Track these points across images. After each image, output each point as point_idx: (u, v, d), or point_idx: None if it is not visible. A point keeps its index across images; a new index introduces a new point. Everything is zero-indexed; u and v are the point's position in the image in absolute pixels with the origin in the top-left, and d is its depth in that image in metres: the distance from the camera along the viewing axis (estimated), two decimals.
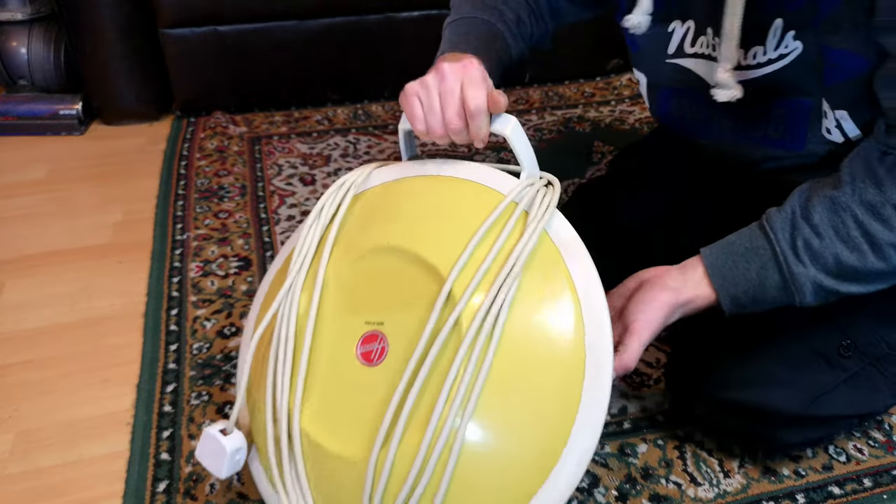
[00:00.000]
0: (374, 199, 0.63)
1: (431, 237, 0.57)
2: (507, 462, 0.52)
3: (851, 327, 0.64)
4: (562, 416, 0.52)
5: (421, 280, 0.55)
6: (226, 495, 0.66)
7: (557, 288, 0.55)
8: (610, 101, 1.48)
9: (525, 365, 0.53)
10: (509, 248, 0.54)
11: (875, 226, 0.56)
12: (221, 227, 1.07)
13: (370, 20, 1.38)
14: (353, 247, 0.59)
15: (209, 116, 1.40)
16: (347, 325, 0.57)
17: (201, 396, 0.77)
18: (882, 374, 0.65)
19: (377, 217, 0.61)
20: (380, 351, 0.55)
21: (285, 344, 0.57)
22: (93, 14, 1.26)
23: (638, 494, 0.67)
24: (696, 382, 0.68)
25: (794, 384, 0.63)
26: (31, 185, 1.19)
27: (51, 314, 0.90)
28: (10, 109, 1.34)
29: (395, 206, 0.61)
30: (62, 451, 0.72)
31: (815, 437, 0.70)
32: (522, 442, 0.52)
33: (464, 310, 0.52)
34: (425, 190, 0.62)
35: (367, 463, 0.51)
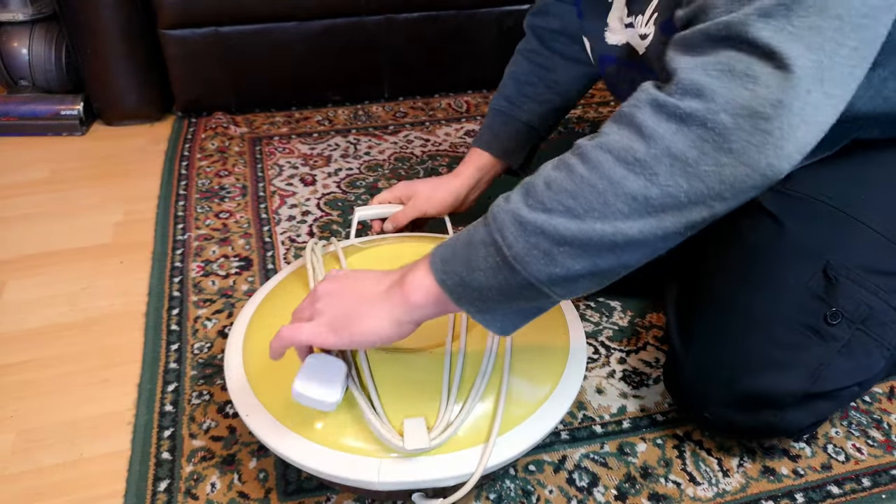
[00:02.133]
0: (357, 252, 0.77)
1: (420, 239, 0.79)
2: (539, 355, 0.66)
3: (833, 296, 0.64)
4: (559, 332, 0.70)
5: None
6: (226, 495, 0.67)
7: None
8: (610, 102, 1.48)
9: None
10: None
11: (596, 149, 0.50)
12: (222, 227, 1.08)
13: (370, 21, 1.38)
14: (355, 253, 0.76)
15: (210, 117, 1.41)
16: None
17: (202, 396, 0.78)
18: (870, 336, 0.65)
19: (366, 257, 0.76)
20: None
21: None
22: (94, 15, 1.26)
23: (637, 493, 0.67)
24: (698, 386, 0.68)
25: (795, 363, 0.64)
26: (33, 186, 1.19)
27: (52, 314, 0.90)
28: (11, 110, 1.34)
29: (376, 253, 0.77)
30: (63, 450, 0.72)
31: (824, 415, 0.69)
32: (542, 344, 0.68)
33: None
34: (391, 245, 0.78)
35: (444, 351, 0.61)
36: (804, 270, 0.66)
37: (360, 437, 0.57)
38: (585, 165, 0.48)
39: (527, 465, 0.70)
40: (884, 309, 0.65)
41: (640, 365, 0.83)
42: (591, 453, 0.72)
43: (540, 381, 0.64)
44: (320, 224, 1.08)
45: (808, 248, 0.66)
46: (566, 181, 0.48)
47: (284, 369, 0.62)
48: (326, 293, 0.57)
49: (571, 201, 0.47)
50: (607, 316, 0.90)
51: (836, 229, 0.67)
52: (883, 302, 0.65)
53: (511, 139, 0.93)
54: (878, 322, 0.65)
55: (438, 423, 0.57)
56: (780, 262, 0.67)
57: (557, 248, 0.47)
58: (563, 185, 0.48)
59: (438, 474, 0.56)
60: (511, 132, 0.93)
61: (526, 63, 0.94)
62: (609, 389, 0.79)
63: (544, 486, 0.68)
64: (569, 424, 0.75)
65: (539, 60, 0.93)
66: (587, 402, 0.78)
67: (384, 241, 0.79)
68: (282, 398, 0.60)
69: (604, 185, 0.47)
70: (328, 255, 0.75)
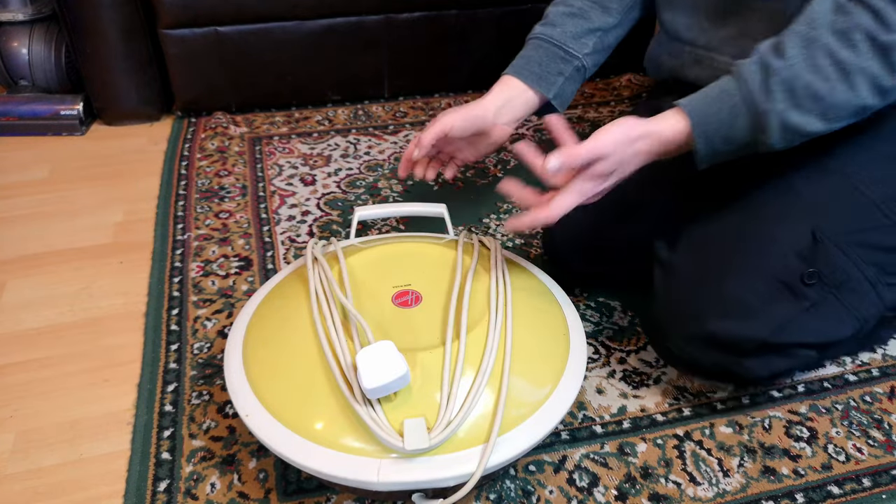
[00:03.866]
0: (356, 251, 0.76)
1: (422, 243, 0.77)
2: (536, 351, 0.67)
3: (814, 257, 0.66)
4: (558, 327, 0.71)
5: (433, 252, 0.76)
6: (226, 495, 0.67)
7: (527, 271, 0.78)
8: (609, 102, 1.48)
9: (523, 290, 0.72)
10: (487, 248, 0.78)
11: (845, 52, 0.59)
12: (222, 227, 1.08)
13: (370, 20, 1.38)
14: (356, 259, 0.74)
15: (210, 117, 1.41)
16: (377, 292, 0.69)
17: (202, 396, 0.78)
18: (841, 302, 0.67)
19: (371, 265, 0.74)
20: (414, 298, 0.68)
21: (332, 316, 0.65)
22: (94, 15, 1.26)
23: (637, 494, 0.67)
24: (670, 317, 0.71)
25: (762, 313, 0.66)
26: (33, 186, 1.19)
27: (52, 314, 0.90)
28: (11, 110, 1.34)
29: (379, 254, 0.75)
30: (63, 450, 0.72)
31: (779, 370, 0.74)
32: (542, 338, 0.69)
33: (479, 262, 0.73)
34: (394, 245, 0.77)
35: (443, 352, 0.62)
36: (795, 229, 0.68)
37: (359, 438, 0.57)
38: (844, 84, 0.60)
39: (527, 465, 0.70)
40: (859, 279, 0.67)
41: (640, 365, 0.83)
42: (591, 453, 0.72)
43: (540, 381, 0.64)
44: (320, 224, 1.08)
45: (804, 208, 0.68)
46: (826, 93, 0.60)
47: (284, 370, 0.62)
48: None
49: (829, 111, 0.61)
50: (607, 316, 0.90)
51: (837, 194, 0.69)
52: (860, 272, 0.67)
53: (541, 64, 0.84)
54: (850, 290, 0.67)
55: (438, 423, 0.57)
56: (775, 217, 0.69)
57: (805, 133, 0.63)
58: (823, 96, 0.60)
59: (438, 474, 0.55)
60: (542, 56, 0.84)
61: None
62: (609, 389, 0.79)
63: (544, 486, 0.68)
64: (569, 424, 0.75)
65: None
66: (587, 402, 0.78)
67: (384, 241, 0.78)
68: (281, 398, 0.60)
69: (857, 103, 0.61)
70: (328, 255, 0.75)
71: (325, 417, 0.58)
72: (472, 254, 0.74)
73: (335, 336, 0.62)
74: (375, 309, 0.66)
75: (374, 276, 0.71)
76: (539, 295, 0.74)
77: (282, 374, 0.62)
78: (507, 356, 0.63)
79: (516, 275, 0.75)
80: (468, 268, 0.72)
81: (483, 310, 0.66)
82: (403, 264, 0.73)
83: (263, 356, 0.64)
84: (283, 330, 0.66)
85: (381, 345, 0.58)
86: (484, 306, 0.67)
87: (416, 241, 0.79)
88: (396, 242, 0.78)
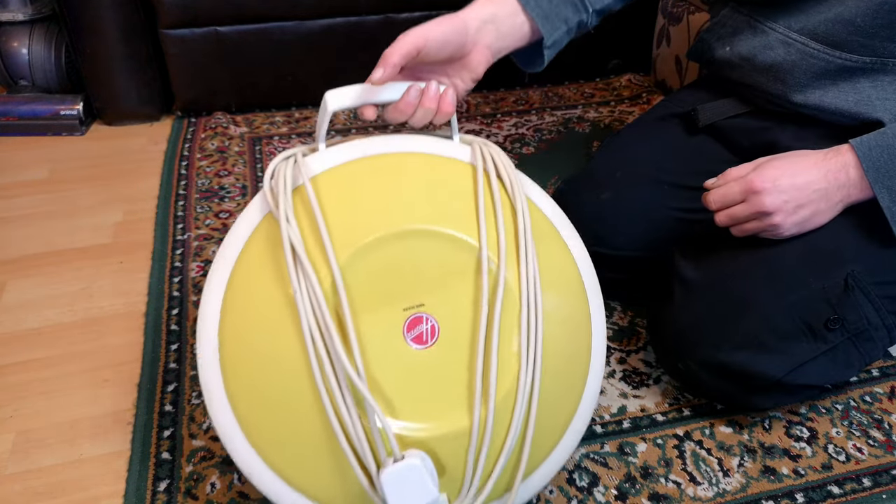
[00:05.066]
0: (340, 184, 0.59)
1: (439, 214, 0.57)
2: (560, 388, 0.59)
3: (841, 304, 0.66)
4: (583, 351, 0.61)
5: (447, 253, 0.56)
6: (226, 495, 0.67)
7: (555, 245, 0.62)
8: (609, 102, 1.48)
9: (555, 313, 0.59)
10: (510, 214, 0.59)
11: None
12: (222, 227, 1.08)
13: (370, 20, 1.38)
14: (351, 239, 0.55)
15: (210, 117, 1.41)
16: (385, 318, 0.55)
17: (202, 396, 0.78)
18: (857, 349, 0.67)
19: (363, 204, 0.57)
20: (430, 331, 0.56)
21: (334, 355, 0.52)
22: (94, 15, 1.26)
23: (637, 493, 0.67)
24: (684, 340, 0.70)
25: (780, 352, 0.66)
26: (33, 186, 1.19)
27: (52, 314, 0.90)
28: (11, 110, 1.34)
29: (379, 189, 0.59)
30: (63, 450, 0.72)
31: (783, 404, 0.75)
32: (567, 371, 0.60)
33: (507, 273, 0.56)
34: (396, 168, 0.60)
35: (471, 428, 0.53)
36: (828, 274, 0.66)
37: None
38: None
39: None
40: (878, 327, 0.67)
41: (640, 365, 0.83)
42: (591, 453, 0.71)
43: (560, 422, 0.60)
44: None
45: (839, 254, 0.67)
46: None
47: (289, 435, 0.54)
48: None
49: None
50: (607, 316, 0.90)
51: (873, 241, 0.67)
52: (882, 322, 0.67)
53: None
54: (868, 338, 0.67)
55: (460, 499, 0.55)
56: (807, 259, 0.67)
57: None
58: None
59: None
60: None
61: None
62: (609, 389, 0.79)
63: (544, 486, 0.68)
64: None
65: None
66: None
67: (374, 163, 0.61)
68: (291, 465, 0.55)
69: None
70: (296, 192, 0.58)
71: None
72: (496, 228, 0.57)
73: (346, 416, 0.52)
74: (384, 348, 0.54)
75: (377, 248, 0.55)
76: (567, 285, 0.62)
77: (287, 439, 0.54)
78: (533, 409, 0.56)
79: (544, 252, 0.60)
80: (494, 281, 0.56)
81: (512, 351, 0.56)
82: (413, 259, 0.56)
83: (260, 415, 0.55)
84: (278, 382, 0.54)
85: (409, 463, 0.51)
86: (512, 341, 0.56)
87: (414, 156, 0.62)
88: (387, 155, 0.61)
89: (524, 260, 0.57)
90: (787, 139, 0.75)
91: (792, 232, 0.66)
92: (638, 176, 0.82)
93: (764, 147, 0.77)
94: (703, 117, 0.82)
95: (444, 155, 0.62)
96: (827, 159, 0.65)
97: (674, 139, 0.85)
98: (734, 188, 0.67)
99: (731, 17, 0.79)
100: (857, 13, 0.67)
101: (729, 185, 0.67)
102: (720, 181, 0.69)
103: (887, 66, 0.68)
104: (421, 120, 0.62)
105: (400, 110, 0.61)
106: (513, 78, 1.54)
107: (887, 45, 0.67)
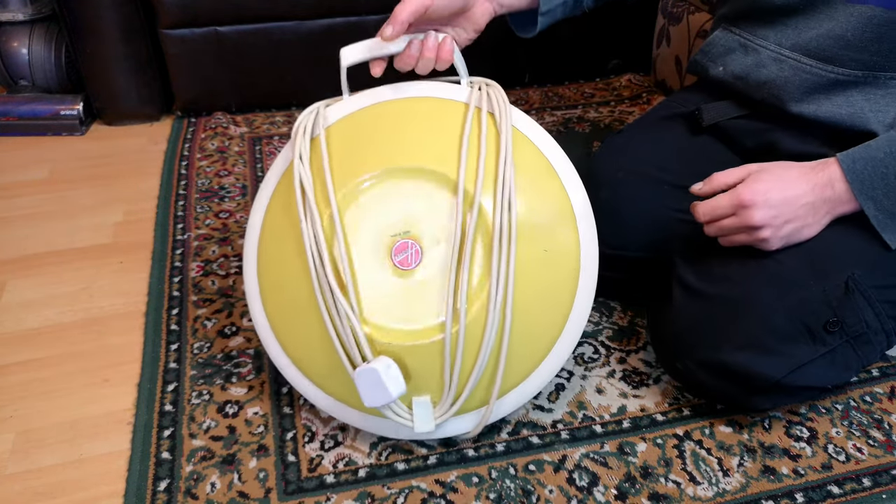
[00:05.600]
0: (349, 130, 0.69)
1: (426, 151, 0.66)
2: (539, 312, 0.67)
3: (842, 307, 0.66)
4: (569, 279, 0.68)
5: (431, 188, 0.65)
6: (226, 495, 0.67)
7: (543, 176, 0.68)
8: (609, 102, 1.48)
9: (536, 239, 0.66)
10: (494, 146, 0.66)
11: None
12: (222, 226, 1.08)
13: (370, 20, 1.38)
14: (351, 175, 0.66)
15: (210, 117, 1.41)
16: (375, 245, 0.65)
17: (202, 395, 0.78)
18: (855, 352, 0.68)
19: (364, 145, 0.67)
20: (414, 254, 0.65)
21: (328, 277, 0.63)
22: (93, 15, 1.26)
23: (637, 493, 0.67)
24: (684, 340, 0.71)
25: (779, 353, 0.66)
26: (33, 186, 1.19)
27: (52, 314, 0.90)
28: (11, 110, 1.34)
29: (379, 132, 0.68)
30: (63, 450, 0.72)
31: (782, 405, 0.75)
32: (547, 297, 0.67)
33: (482, 202, 0.63)
34: (397, 113, 0.69)
35: (443, 340, 0.63)
36: (829, 277, 0.66)
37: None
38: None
39: (527, 465, 0.70)
40: (877, 331, 0.68)
41: (640, 365, 0.83)
42: (591, 453, 0.72)
43: (541, 338, 0.68)
44: None
45: (840, 257, 0.67)
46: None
47: (300, 327, 0.67)
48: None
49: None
50: (607, 316, 0.90)
51: (873, 243, 0.67)
52: (881, 326, 0.68)
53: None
54: (867, 341, 0.68)
55: (442, 403, 0.66)
56: (808, 261, 0.67)
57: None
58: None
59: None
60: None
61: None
62: (609, 389, 0.79)
63: (544, 486, 0.68)
64: (569, 424, 0.75)
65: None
66: (587, 401, 0.78)
67: (380, 106, 0.70)
68: (304, 356, 0.68)
69: None
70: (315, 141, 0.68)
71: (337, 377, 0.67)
72: (478, 154, 0.65)
73: (338, 322, 0.64)
74: (374, 271, 0.65)
75: (372, 205, 0.65)
76: (553, 213, 0.67)
77: (300, 336, 0.68)
78: (506, 329, 0.64)
79: (529, 180, 0.66)
80: (468, 208, 0.63)
81: (485, 268, 0.64)
82: (401, 193, 0.65)
83: (281, 310, 0.69)
84: (291, 286, 0.67)
85: (371, 367, 0.62)
86: (486, 263, 0.64)
87: (418, 100, 0.70)
88: (398, 99, 0.70)
89: (500, 187, 0.63)
90: (789, 141, 0.75)
91: (779, 245, 0.67)
92: (639, 176, 0.82)
93: (767, 148, 0.77)
94: (708, 117, 0.82)
95: (445, 97, 0.70)
96: (815, 172, 0.66)
97: (676, 139, 0.85)
98: (723, 201, 0.67)
99: (723, 38, 0.81)
100: (848, 28, 0.68)
101: (718, 199, 0.68)
102: (706, 186, 0.70)
103: (879, 80, 0.69)
104: (424, 68, 0.68)
105: (404, 61, 0.69)
106: (513, 78, 1.54)
107: (877, 60, 0.68)
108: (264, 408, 0.76)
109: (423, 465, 0.70)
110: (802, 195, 0.65)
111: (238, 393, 0.78)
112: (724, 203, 0.67)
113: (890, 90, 0.68)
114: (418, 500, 0.66)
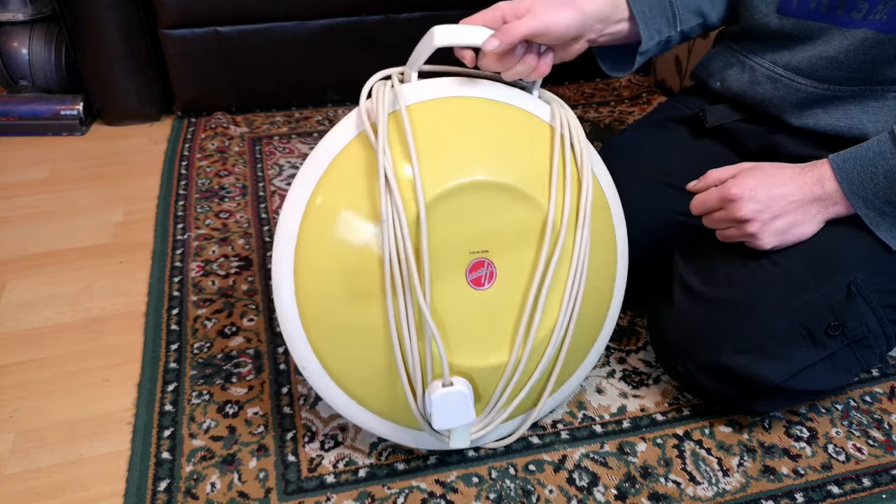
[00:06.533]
0: (430, 120, 0.62)
1: (518, 170, 0.62)
2: (582, 337, 0.70)
3: (843, 311, 0.66)
4: (605, 308, 0.72)
5: (518, 209, 0.62)
6: (227, 495, 0.67)
7: (604, 217, 0.69)
8: (609, 102, 1.48)
9: (593, 278, 0.67)
10: (576, 180, 0.64)
11: None
12: (222, 226, 1.08)
13: (370, 20, 1.38)
14: (438, 179, 0.60)
15: (210, 117, 1.41)
16: (452, 257, 0.61)
17: (202, 395, 0.78)
18: (856, 355, 0.68)
19: (452, 143, 0.62)
20: (489, 275, 0.63)
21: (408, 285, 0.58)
22: (94, 15, 1.26)
23: (637, 493, 0.67)
24: (684, 342, 0.71)
25: (780, 357, 0.66)
26: (33, 186, 1.19)
27: (52, 314, 0.90)
28: (11, 110, 1.34)
29: (468, 133, 0.63)
30: (63, 450, 0.72)
31: (782, 408, 0.76)
32: (589, 324, 0.70)
33: (565, 240, 0.63)
34: (484, 114, 0.64)
35: (507, 364, 0.63)
36: (831, 281, 0.66)
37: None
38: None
39: (527, 465, 0.70)
40: (877, 333, 0.68)
41: (640, 365, 0.83)
42: (591, 453, 0.72)
43: (581, 354, 0.71)
44: None
45: (842, 260, 0.67)
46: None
47: (351, 346, 0.63)
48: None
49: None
50: None
51: (875, 248, 0.67)
52: (882, 330, 0.68)
53: (651, 7, 0.73)
54: (867, 345, 0.68)
55: (480, 422, 0.66)
56: (810, 265, 0.67)
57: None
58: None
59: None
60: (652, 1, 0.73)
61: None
62: (609, 389, 0.79)
63: (544, 486, 0.68)
64: (569, 424, 0.75)
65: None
66: (587, 401, 0.78)
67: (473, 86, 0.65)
68: (347, 372, 0.64)
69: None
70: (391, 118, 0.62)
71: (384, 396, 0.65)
72: (564, 197, 0.63)
73: (407, 337, 0.60)
74: (447, 284, 0.61)
75: (452, 217, 0.61)
76: (606, 254, 0.69)
77: (347, 348, 0.63)
78: (560, 359, 0.67)
79: (596, 223, 0.67)
80: (554, 244, 0.62)
81: (555, 301, 0.64)
82: (489, 207, 0.61)
83: (328, 327, 0.62)
84: (351, 302, 0.61)
85: (458, 390, 0.60)
86: (556, 297, 0.64)
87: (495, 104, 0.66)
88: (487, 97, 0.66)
89: (580, 230, 0.63)
90: (792, 144, 0.75)
91: (772, 243, 0.66)
92: (641, 178, 0.82)
93: (770, 149, 0.77)
94: (712, 118, 0.82)
95: (527, 110, 0.66)
96: (805, 171, 0.66)
97: (679, 141, 0.85)
98: (712, 195, 0.67)
99: (722, 53, 0.82)
100: (840, 50, 0.68)
101: (708, 192, 0.68)
102: (700, 183, 0.70)
103: (876, 92, 0.69)
104: (516, 74, 0.64)
105: (503, 60, 0.63)
106: None
107: (871, 77, 0.69)
108: (264, 408, 0.76)
109: (423, 465, 0.70)
110: (790, 192, 0.65)
111: (238, 393, 0.78)
112: (712, 196, 0.67)
113: (888, 102, 0.69)
114: (418, 501, 0.66)
